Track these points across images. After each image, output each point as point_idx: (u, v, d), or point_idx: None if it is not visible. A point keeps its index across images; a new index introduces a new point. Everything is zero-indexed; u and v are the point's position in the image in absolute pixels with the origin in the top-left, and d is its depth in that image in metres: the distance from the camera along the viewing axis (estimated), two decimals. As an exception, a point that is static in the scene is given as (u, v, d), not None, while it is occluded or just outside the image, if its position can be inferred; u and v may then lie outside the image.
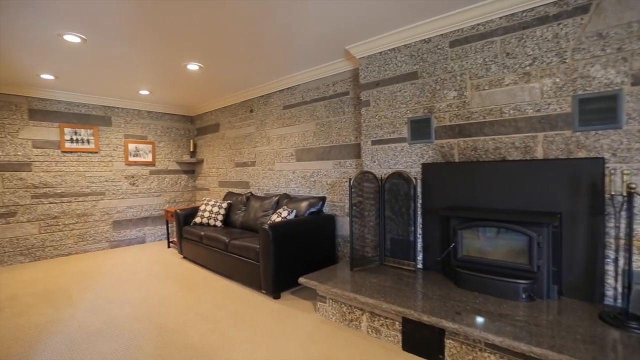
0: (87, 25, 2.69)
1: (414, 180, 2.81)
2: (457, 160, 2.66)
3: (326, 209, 3.88)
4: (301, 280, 2.74)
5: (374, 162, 3.18)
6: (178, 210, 4.57)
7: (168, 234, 5.28)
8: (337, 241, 3.77)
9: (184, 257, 4.58)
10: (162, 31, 2.82)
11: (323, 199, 3.65)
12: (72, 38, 2.89)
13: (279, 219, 3.52)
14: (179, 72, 3.85)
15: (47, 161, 4.54)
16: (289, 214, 3.51)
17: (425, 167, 2.81)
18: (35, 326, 2.60)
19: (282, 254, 3.13)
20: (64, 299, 3.14)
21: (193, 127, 6.19)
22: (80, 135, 4.80)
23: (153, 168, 5.63)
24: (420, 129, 2.84)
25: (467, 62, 2.57)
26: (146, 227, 5.53)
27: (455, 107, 2.64)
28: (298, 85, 4.16)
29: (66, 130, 4.68)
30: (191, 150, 6.02)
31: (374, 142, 3.18)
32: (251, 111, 4.90)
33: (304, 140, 4.13)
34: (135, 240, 5.40)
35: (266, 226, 3.08)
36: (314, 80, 3.96)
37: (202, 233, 4.09)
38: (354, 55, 3.25)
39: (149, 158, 5.56)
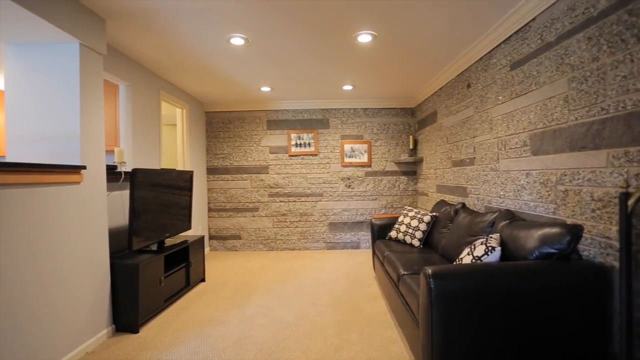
0: (245, 22, 2.52)
1: None
2: None
3: (586, 252, 1.89)
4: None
5: None
6: (373, 220, 3.86)
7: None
8: (613, 328, 1.73)
9: (376, 276, 3.81)
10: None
11: (575, 231, 1.75)
12: (237, 41, 2.85)
13: (467, 259, 2.02)
14: (353, 48, 3.12)
15: (278, 164, 5.17)
16: (487, 253, 1.93)
17: None
18: (199, 322, 2.72)
19: (457, 326, 1.69)
20: (243, 298, 3.23)
21: (414, 121, 5.26)
22: (302, 139, 5.14)
23: (369, 169, 5.23)
24: None
25: None
26: (361, 232, 5.21)
27: None
28: (533, 19, 2.33)
29: (292, 135, 5.14)
30: (411, 147, 5.12)
31: None
32: (468, 86, 3.39)
33: (544, 117, 2.26)
34: (350, 245, 5.21)
35: (429, 271, 1.76)
36: (563, -4, 2.05)
37: (386, 253, 3.16)
38: None
39: (364, 158, 5.19)
